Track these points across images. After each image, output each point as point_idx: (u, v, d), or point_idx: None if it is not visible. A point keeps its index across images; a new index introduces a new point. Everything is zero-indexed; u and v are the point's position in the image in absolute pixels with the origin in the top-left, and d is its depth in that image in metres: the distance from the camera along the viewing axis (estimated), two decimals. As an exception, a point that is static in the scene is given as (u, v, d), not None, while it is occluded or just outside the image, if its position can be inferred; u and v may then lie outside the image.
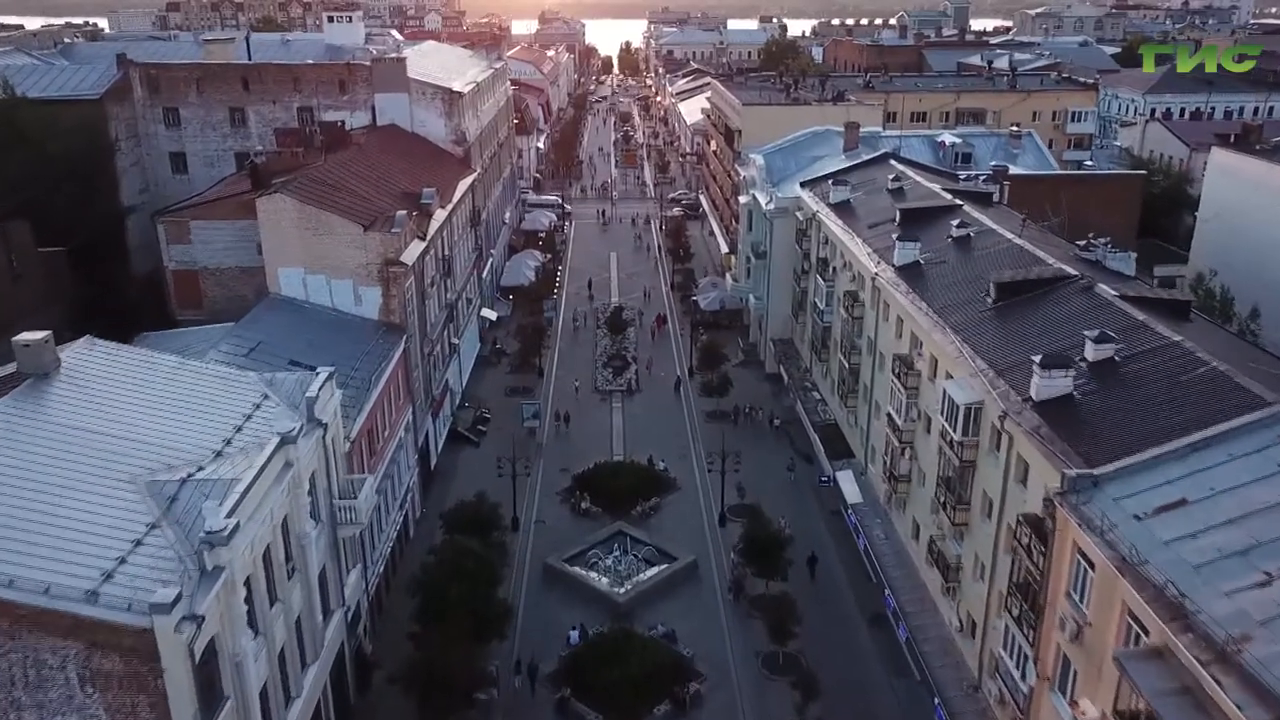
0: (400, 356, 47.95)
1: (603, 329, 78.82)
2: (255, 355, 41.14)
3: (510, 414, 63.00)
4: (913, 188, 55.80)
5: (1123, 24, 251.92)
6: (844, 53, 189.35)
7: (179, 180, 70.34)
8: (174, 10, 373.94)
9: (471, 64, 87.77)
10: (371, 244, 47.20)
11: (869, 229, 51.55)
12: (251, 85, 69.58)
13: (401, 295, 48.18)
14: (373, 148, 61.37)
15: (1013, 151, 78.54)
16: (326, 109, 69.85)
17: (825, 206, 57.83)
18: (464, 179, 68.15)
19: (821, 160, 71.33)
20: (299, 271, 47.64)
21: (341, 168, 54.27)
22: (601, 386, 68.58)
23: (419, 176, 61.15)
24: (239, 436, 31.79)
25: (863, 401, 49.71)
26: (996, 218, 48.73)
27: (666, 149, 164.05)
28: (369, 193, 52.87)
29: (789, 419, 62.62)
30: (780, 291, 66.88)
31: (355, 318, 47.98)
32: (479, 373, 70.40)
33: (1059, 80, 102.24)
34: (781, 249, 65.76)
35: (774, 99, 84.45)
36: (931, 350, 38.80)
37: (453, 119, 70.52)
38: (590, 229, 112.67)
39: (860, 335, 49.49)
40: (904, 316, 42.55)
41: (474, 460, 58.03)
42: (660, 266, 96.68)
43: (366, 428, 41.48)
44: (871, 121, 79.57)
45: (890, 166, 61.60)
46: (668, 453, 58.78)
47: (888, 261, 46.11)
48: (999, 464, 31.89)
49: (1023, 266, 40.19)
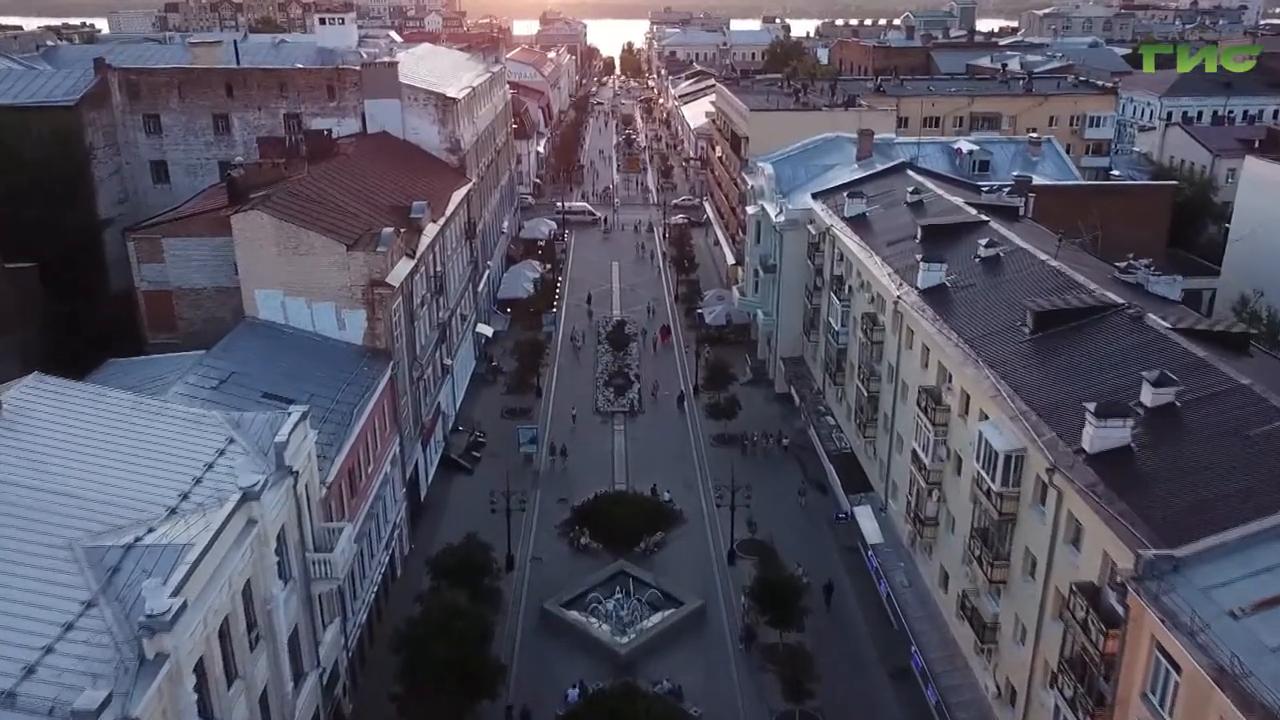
0: (387, 384, 44.71)
1: (604, 344, 75.53)
2: (226, 388, 37.92)
3: (506, 438, 59.75)
4: (933, 201, 52.51)
5: (1132, 24, 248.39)
6: (850, 54, 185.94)
7: (160, 190, 67.16)
8: (172, 11, 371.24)
9: (468, 68, 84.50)
10: (355, 264, 43.95)
11: (888, 246, 48.23)
12: (236, 91, 66.34)
13: (388, 319, 44.94)
14: (361, 157, 58.13)
15: (1032, 159, 75.25)
16: (314, 116, 66.58)
17: (840, 220, 54.53)
18: (458, 189, 64.92)
19: (833, 169, 68.08)
20: (278, 294, 44.39)
21: (326, 180, 51.04)
22: (602, 407, 65.25)
23: (410, 188, 57.94)
24: (198, 489, 28.56)
25: (882, 431, 46.39)
26: (1025, 235, 45.49)
27: (669, 151, 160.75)
28: (355, 207, 49.62)
29: (801, 443, 59.33)
30: (791, 308, 63.56)
31: (338, 343, 44.71)
32: (474, 393, 67.12)
33: (1076, 84, 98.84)
34: (792, 263, 62.44)
35: (782, 104, 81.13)
36: (963, 385, 35.48)
37: (447, 126, 67.24)
38: (592, 237, 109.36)
39: (880, 361, 46.18)
40: (930, 345, 39.24)
41: (467, 489, 54.72)
42: (663, 277, 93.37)
43: (347, 466, 38.25)
44: (884, 128, 76.34)
45: (908, 177, 58.31)
46: (672, 481, 55.48)
47: (910, 283, 42.79)
48: (1045, 520, 28.59)
49: (1061, 292, 36.94)
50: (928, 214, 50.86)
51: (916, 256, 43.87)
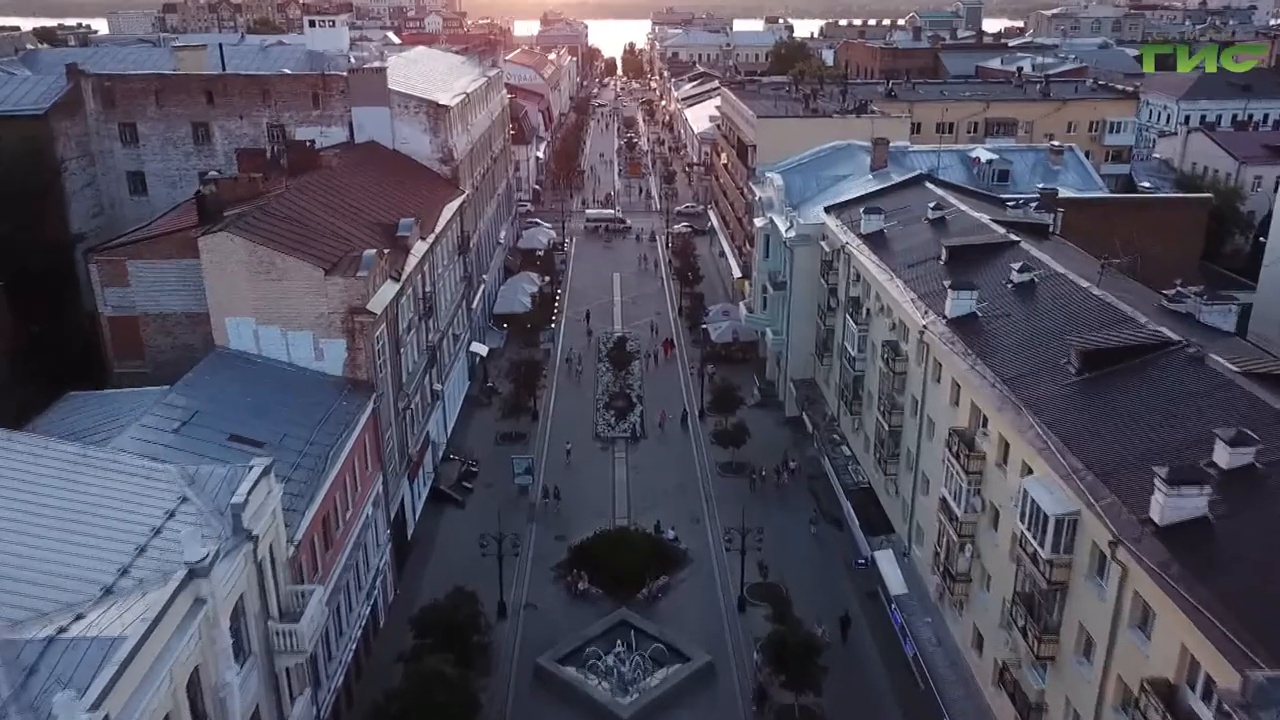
0: (368, 419, 41.26)
1: (604, 363, 72.04)
2: (189, 431, 34.51)
3: (500, 465, 56.32)
4: (956, 217, 49.02)
5: (1141, 25, 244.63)
6: (856, 55, 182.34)
7: (138, 202, 63.86)
8: (170, 12, 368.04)
9: (463, 72, 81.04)
10: (334, 290, 40.49)
11: (909, 268, 44.75)
12: (216, 98, 62.95)
13: (370, 348, 41.50)
14: (346, 170, 54.67)
15: (1053, 169, 71.69)
16: (299, 125, 63.19)
17: (856, 238, 51.04)
18: (451, 202, 61.45)
19: (846, 180, 64.59)
20: (249, 322, 40.95)
21: (306, 196, 47.62)
22: (603, 433, 61.71)
23: (399, 202, 54.51)
24: (141, 562, 25.14)
25: (905, 469, 42.90)
26: (1058, 256, 42.03)
27: (672, 155, 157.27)
28: (337, 226, 46.19)
29: (814, 472, 55.86)
30: (802, 328, 60.07)
31: (315, 375, 41.27)
32: (467, 416, 63.63)
33: (1094, 88, 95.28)
34: (803, 281, 58.95)
35: (791, 110, 77.59)
36: (1002, 431, 31.98)
37: (439, 135, 63.80)
38: (592, 245, 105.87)
39: (902, 393, 42.69)
40: (961, 382, 35.74)
41: (458, 524, 51.30)
42: (666, 288, 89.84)
43: (321, 515, 34.83)
44: (898, 135, 72.80)
45: (927, 190, 54.83)
46: (677, 515, 52.02)
47: (937, 311, 39.29)
48: (1105, 598, 25.11)
49: (1107, 325, 33.47)
50: (950, 232, 47.43)
51: (943, 282, 40.40)
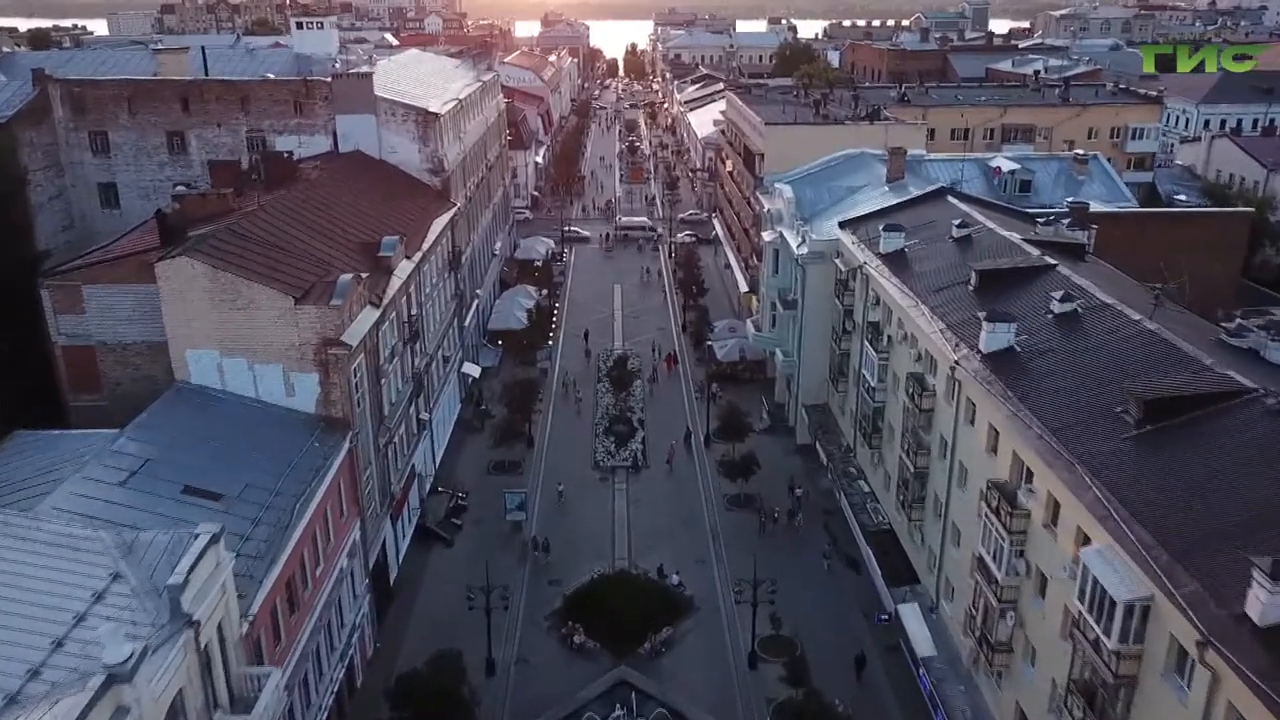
0: (344, 460, 37.64)
1: (604, 383, 68.34)
2: (137, 482, 30.91)
3: (492, 498, 52.62)
4: (983, 236, 45.31)
5: (1152, 26, 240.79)
6: (863, 57, 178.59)
7: (110, 216, 60.27)
8: (169, 13, 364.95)
9: (457, 76, 77.40)
10: (305, 320, 36.86)
11: (935, 294, 41.03)
12: (191, 105, 59.31)
13: (345, 382, 37.84)
14: (327, 183, 51.02)
15: (1077, 179, 68.05)
16: (280, 133, 59.59)
17: (875, 258, 47.35)
18: (441, 216, 57.79)
19: (860, 192, 60.94)
20: (213, 354, 37.33)
21: (280, 213, 43.98)
22: (602, 461, 57.97)
23: (383, 218, 50.87)
24: (58, 658, 21.53)
25: (932, 516, 39.19)
26: (1100, 281, 38.31)
27: (674, 159, 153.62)
28: (313, 246, 42.54)
29: (829, 506, 52.19)
30: (814, 350, 56.39)
31: (286, 412, 37.67)
32: (458, 442, 59.92)
33: (1115, 91, 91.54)
34: (816, 300, 55.26)
35: (800, 116, 73.92)
36: (1051, 489, 28.29)
37: (428, 144, 60.12)
38: (592, 255, 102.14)
39: (929, 431, 38.98)
40: (1000, 429, 32.04)
41: (446, 566, 47.65)
42: (669, 302, 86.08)
43: (286, 576, 31.19)
44: (913, 143, 69.15)
45: (949, 205, 51.16)
46: (681, 555, 48.40)
47: (970, 345, 35.59)
48: (1187, 702, 21.43)
49: (1166, 366, 29.78)
50: (978, 252, 43.74)
51: (975, 311, 36.75)
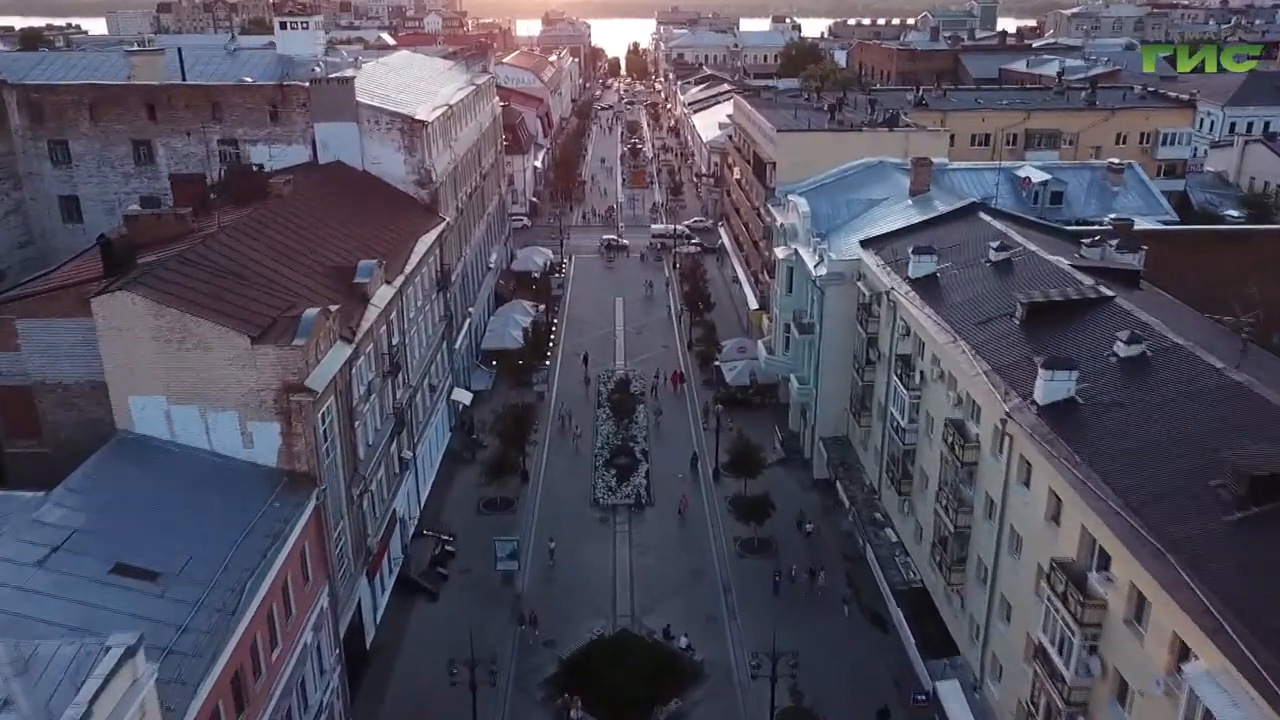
0: (310, 519, 33.23)
1: (604, 408, 63.86)
2: (58, 561, 26.55)
3: (482, 541, 48.18)
4: (1025, 260, 40.80)
5: (1165, 25, 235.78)
6: (871, 57, 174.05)
7: (72, 231, 56.16)
8: (165, 12, 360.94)
9: (449, 79, 72.94)
10: (264, 362, 32.43)
11: (976, 328, 36.52)
12: (159, 112, 55.01)
13: (311, 431, 33.39)
14: (302, 198, 46.54)
15: (1112, 189, 63.75)
16: (255, 142, 55.30)
17: (903, 283, 42.86)
18: (428, 232, 53.37)
19: (881, 205, 56.44)
20: (159, 401, 32.92)
21: (244, 235, 39.56)
22: (602, 498, 53.48)
23: (363, 237, 46.48)
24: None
25: (976, 581, 34.70)
26: (1163, 315, 33.87)
27: (678, 161, 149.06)
28: (279, 273, 38.11)
29: (851, 552, 47.76)
30: (833, 379, 51.88)
31: (243, 466, 33.26)
32: (447, 476, 55.46)
33: (1144, 95, 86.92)
34: (835, 325, 50.78)
35: (814, 122, 69.34)
36: (1136, 582, 23.79)
37: (415, 154, 55.69)
38: (593, 265, 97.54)
39: (973, 487, 34.49)
40: (1065, 498, 27.54)
41: (430, 623, 43.24)
42: (674, 317, 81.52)
43: (233, 668, 26.75)
44: (935, 151, 64.61)
45: (982, 223, 46.66)
46: (690, 610, 44.03)
47: (1022, 393, 31.09)
48: None
49: (1264, 427, 25.31)
50: (1020, 279, 39.25)
51: (1026, 350, 32.31)
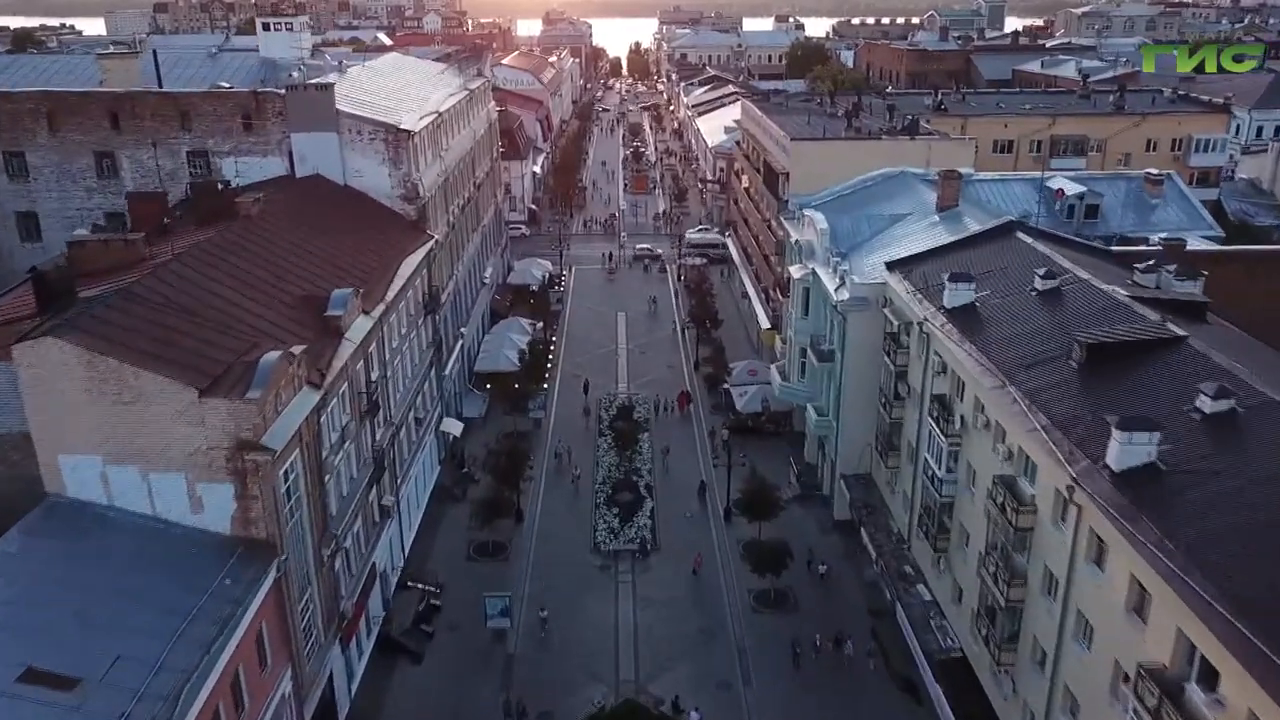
0: (269, 593, 29.00)
1: (606, 436, 59.56)
2: (-45, 668, 22.29)
3: (471, 592, 43.97)
4: (1076, 290, 36.49)
5: (1177, 24, 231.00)
6: (880, 57, 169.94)
7: (31, 250, 51.87)
8: (162, 12, 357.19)
9: (441, 84, 68.65)
10: (214, 417, 28.16)
11: (1027, 371, 32.21)
12: (123, 122, 50.74)
13: (270, 493, 29.16)
14: (273, 218, 42.27)
15: (1150, 201, 59.44)
16: (227, 154, 51.05)
17: (937, 313, 38.54)
18: (415, 252, 49.11)
19: (905, 221, 52.18)
20: (95, 461, 28.71)
21: (203, 263, 35.34)
22: (603, 543, 49.11)
23: (340, 261, 42.23)
24: None
25: (1031, 664, 30.35)
26: (1242, 357, 29.56)
27: (681, 165, 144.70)
28: (240, 308, 33.86)
29: (876, 605, 43.48)
30: (856, 412, 47.53)
31: (193, 533, 29.05)
32: (434, 517, 51.12)
33: (1174, 98, 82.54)
34: (859, 355, 46.47)
35: (830, 130, 64.99)
36: (1258, 711, 19.48)
37: (401, 166, 51.39)
38: (593, 278, 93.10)
39: (1027, 557, 30.16)
40: (1154, 591, 23.21)
41: (412, 689, 38.99)
42: (680, 335, 77.16)
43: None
44: (960, 161, 60.41)
45: (1022, 244, 42.34)
46: (700, 676, 39.78)
47: (1091, 455, 26.77)
48: None
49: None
50: (1072, 310, 34.99)
51: (1094, 407, 27.99)
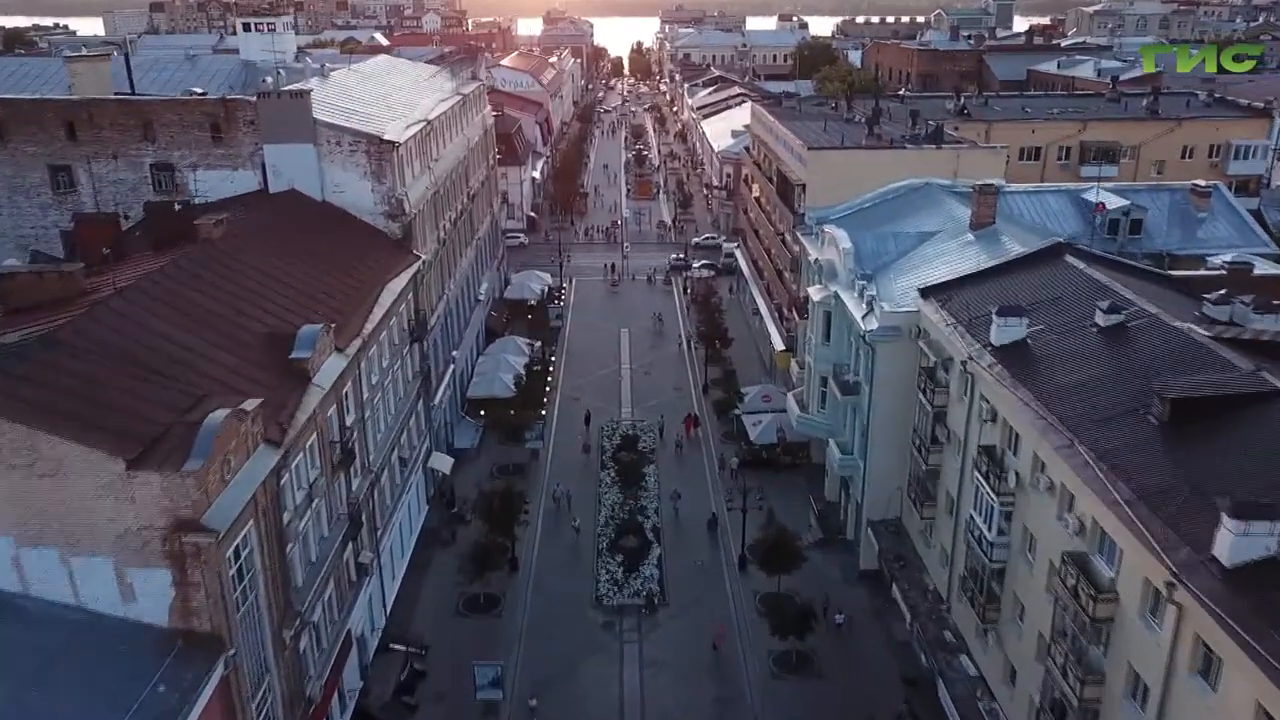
0: (214, 695, 24.59)
1: (608, 470, 55.16)
2: None
3: (461, 648, 39.75)
4: (1144, 325, 32.02)
5: (1191, 22, 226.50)
6: (889, 58, 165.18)
7: (-19, 271, 47.36)
8: (158, 11, 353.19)
9: (432, 89, 64.24)
10: (145, 494, 23.73)
11: (1100, 426, 27.72)
12: (80, 132, 46.37)
13: (215, 579, 24.73)
14: (238, 242, 37.80)
15: (1197, 215, 54.99)
16: (195, 167, 46.70)
17: (984, 351, 34.07)
18: (399, 275, 44.72)
19: (935, 240, 47.71)
20: (5, 544, 24.27)
21: (151, 298, 30.97)
22: (606, 596, 44.58)
23: (313, 290, 37.81)
24: None
25: (1105, 774, 25.96)
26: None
27: (686, 170, 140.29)
28: (192, 351, 29.45)
29: (910, 671, 39.05)
30: (886, 454, 42.96)
31: (124, 627, 24.62)
32: (421, 564, 46.64)
33: (1210, 102, 77.98)
34: (889, 390, 41.96)
35: (849, 137, 60.29)
36: None
37: (384, 180, 46.99)
38: (595, 290, 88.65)
39: (1106, 651, 25.69)
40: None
41: (392, 776, 34.65)
42: (687, 354, 72.70)
43: None
44: (990, 171, 55.86)
45: (1073, 271, 37.83)
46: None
47: (1192, 543, 22.32)
48: None
49: None
50: (1142, 352, 30.55)
51: (1191, 480, 23.52)
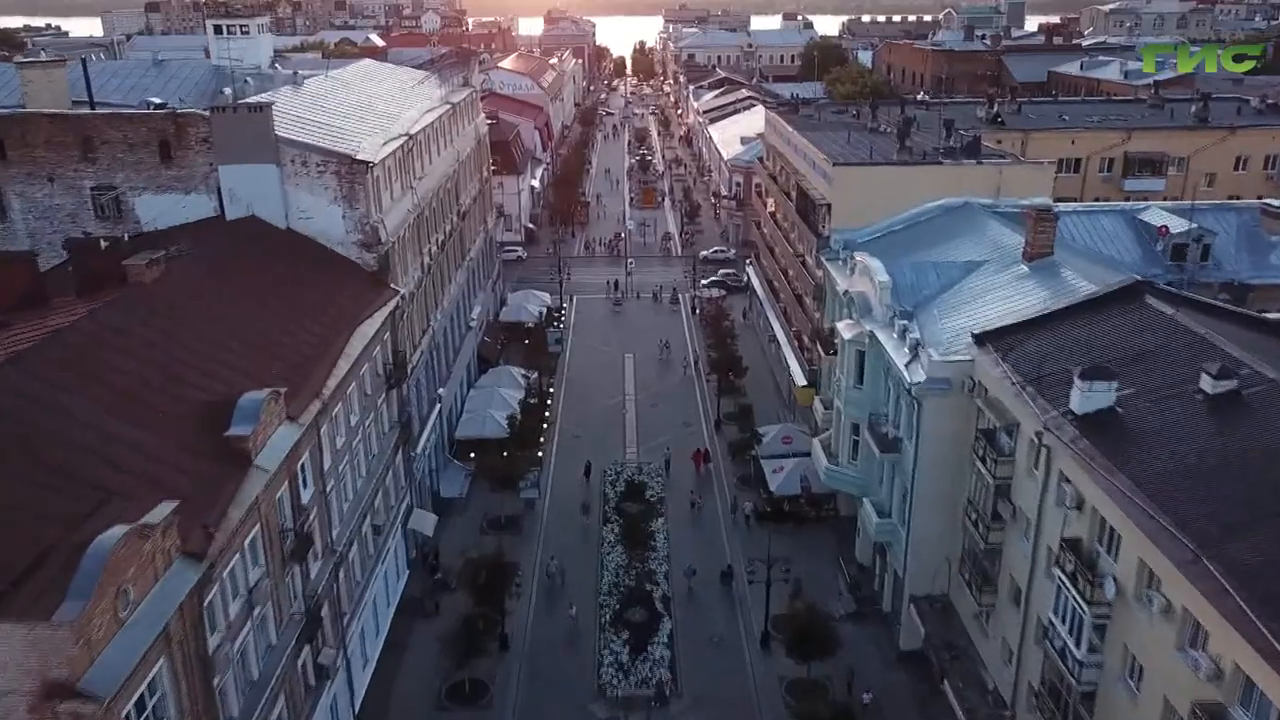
0: None
1: (611, 524, 49.53)
2: None
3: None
4: (1264, 394, 26.36)
5: (1210, 20, 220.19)
6: (901, 58, 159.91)
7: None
8: (153, 11, 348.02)
9: (417, 97, 58.51)
10: (7, 649, 18.10)
11: (1228, 533, 22.04)
12: (10, 150, 40.76)
13: (107, 749, 19.09)
14: (177, 286, 32.11)
15: (1269, 239, 49.52)
16: (142, 190, 41.11)
17: (1063, 421, 28.38)
18: (373, 315, 39.06)
19: (983, 271, 42.19)
20: None
21: (55, 366, 25.31)
22: (610, 685, 38.75)
23: (268, 339, 32.18)
24: None
25: None
26: None
27: (692, 176, 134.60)
28: (97, 435, 23.84)
29: (962, 785, 33.46)
30: (932, 522, 37.24)
31: (-14, 814, 19.00)
32: (399, 641, 40.92)
33: (1262, 109, 72.21)
34: (938, 450, 36.23)
35: (878, 151, 54.41)
36: None
37: (357, 205, 41.32)
38: (597, 310, 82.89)
39: (1251, 838, 20.07)
40: None
41: None
42: (697, 384, 67.07)
43: None
44: (1036, 189, 50.58)
45: (1158, 316, 32.23)
46: None
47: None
48: None
49: None
50: (1264, 426, 24.97)
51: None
